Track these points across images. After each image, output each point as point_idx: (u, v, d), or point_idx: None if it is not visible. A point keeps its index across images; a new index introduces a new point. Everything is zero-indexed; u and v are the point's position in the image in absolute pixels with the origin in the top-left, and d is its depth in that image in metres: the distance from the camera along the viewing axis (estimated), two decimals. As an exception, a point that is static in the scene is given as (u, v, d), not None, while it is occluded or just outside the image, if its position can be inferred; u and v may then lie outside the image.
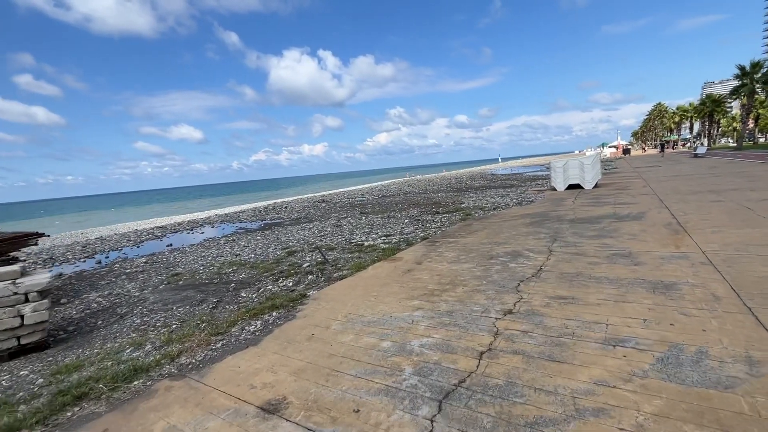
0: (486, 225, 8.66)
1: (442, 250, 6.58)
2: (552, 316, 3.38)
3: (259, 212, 20.53)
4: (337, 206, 19.26)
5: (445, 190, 23.64)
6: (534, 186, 19.32)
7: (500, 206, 11.99)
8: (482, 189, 21.60)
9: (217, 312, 4.67)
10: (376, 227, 10.76)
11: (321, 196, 29.47)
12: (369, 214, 14.49)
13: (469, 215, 10.86)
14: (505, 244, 6.44)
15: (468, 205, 13.69)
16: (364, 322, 3.69)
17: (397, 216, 12.82)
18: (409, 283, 4.84)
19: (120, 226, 23.49)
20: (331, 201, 23.28)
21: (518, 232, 7.37)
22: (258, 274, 6.61)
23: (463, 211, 12.07)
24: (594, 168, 13.88)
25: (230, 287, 6.02)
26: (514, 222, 8.63)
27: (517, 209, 10.82)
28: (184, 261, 8.83)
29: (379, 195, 24.49)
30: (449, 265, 5.51)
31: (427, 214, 12.32)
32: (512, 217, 9.34)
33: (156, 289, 6.47)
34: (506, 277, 4.62)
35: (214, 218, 20.12)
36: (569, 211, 9.31)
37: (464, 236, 7.58)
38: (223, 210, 28.30)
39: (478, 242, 6.86)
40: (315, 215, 16.09)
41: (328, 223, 12.79)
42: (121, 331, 4.37)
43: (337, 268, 6.23)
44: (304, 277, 5.93)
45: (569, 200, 11.48)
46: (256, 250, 9.17)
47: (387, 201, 19.33)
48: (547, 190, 15.59)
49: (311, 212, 17.60)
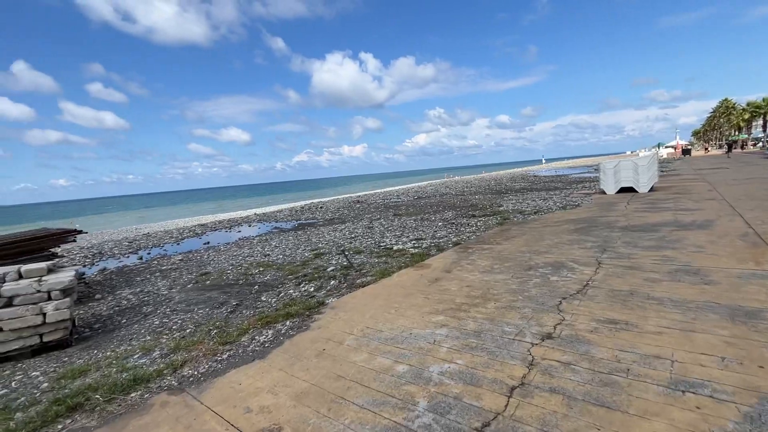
0: (525, 230, 8.00)
1: (474, 257, 6.07)
2: (601, 345, 2.84)
3: (295, 212, 20.80)
4: (371, 207, 19.07)
5: (483, 192, 22.74)
6: (580, 188, 18.02)
7: (542, 210, 11.17)
8: (523, 191, 20.51)
9: (233, 317, 4.51)
10: (408, 230, 10.37)
11: (357, 197, 29.50)
12: (402, 216, 14.13)
13: (506, 219, 10.18)
14: (546, 254, 5.82)
15: (506, 208, 12.93)
16: (380, 339, 3.33)
17: (431, 219, 12.34)
18: (435, 294, 4.42)
19: (168, 223, 24.82)
20: (366, 202, 23.16)
21: (561, 240, 6.69)
22: (282, 277, 6.46)
23: (500, 214, 11.38)
24: (650, 170, 12.60)
25: (253, 290, 5.90)
26: (556, 228, 7.91)
27: (561, 213, 9.99)
28: (216, 260, 8.93)
29: (415, 196, 24.04)
30: (481, 275, 5.02)
31: (462, 218, 11.74)
32: (555, 223, 8.59)
33: (183, 288, 6.50)
34: (546, 293, 4.07)
35: (252, 217, 20.65)
36: (621, 217, 8.40)
37: (500, 242, 7.01)
38: (263, 209, 29.10)
39: (515, 250, 6.28)
40: (348, 216, 15.97)
41: (360, 225, 12.58)
42: (139, 333, 4.33)
43: (362, 273, 5.92)
44: (327, 282, 5.68)
45: (621, 205, 10.44)
46: (286, 251, 9.10)
47: (422, 203, 18.86)
48: (596, 193, 14.41)
49: (345, 213, 17.53)
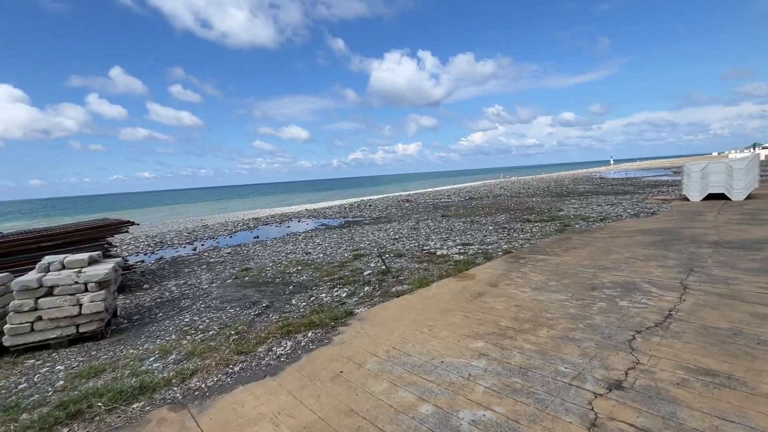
0: (589, 240, 7.04)
1: (527, 269, 5.36)
2: (693, 406, 2.14)
3: (344, 209, 20.89)
4: (420, 207, 18.53)
5: (542, 194, 21.16)
6: (657, 193, 15.99)
7: (610, 217, 9.92)
8: (587, 195, 18.72)
9: (259, 320, 4.32)
10: (455, 233, 9.74)
11: (406, 196, 29.08)
12: (451, 217, 13.45)
13: (567, 226, 9.14)
14: (615, 270, 4.96)
15: (567, 213, 11.73)
16: (406, 365, 2.88)
17: (481, 222, 11.55)
18: (477, 312, 3.86)
19: (228, 215, 26.29)
20: (415, 201, 22.64)
21: (634, 254, 5.71)
22: (318, 278, 6.23)
23: (560, 220, 10.30)
24: (749, 174, 10.69)
25: (287, 290, 5.73)
26: (628, 239, 6.85)
27: (634, 222, 8.75)
28: (260, 255, 9.01)
29: (466, 197, 23.05)
30: (533, 292, 4.35)
31: (515, 222, 10.82)
32: (626, 233, 7.48)
33: (223, 284, 6.53)
34: (614, 322, 3.34)
35: (303, 213, 21.09)
36: (710, 230, 7.09)
37: (558, 253, 6.19)
38: (314, 205, 29.78)
39: (577, 263, 5.46)
40: (395, 215, 15.60)
41: (405, 225, 12.14)
42: (167, 330, 4.28)
43: (398, 280, 5.49)
44: (361, 288, 5.32)
45: (709, 214, 8.91)
46: (327, 249, 8.94)
47: (473, 204, 17.95)
48: (676, 199, 12.60)
49: (392, 212, 17.19)
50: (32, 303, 3.85)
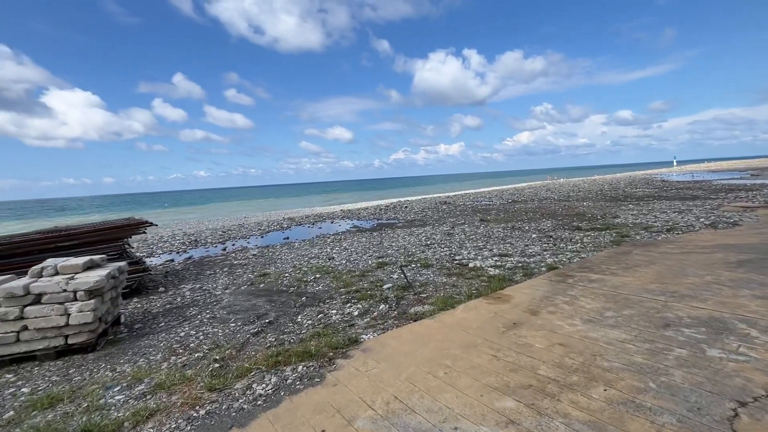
0: (655, 257, 5.89)
1: (576, 292, 4.44)
2: None
3: (380, 211, 20.36)
4: (458, 210, 17.56)
5: (594, 198, 19.32)
6: (734, 199, 13.87)
7: (678, 227, 8.50)
8: (647, 199, 16.76)
9: (255, 341, 3.81)
10: (493, 241, 8.81)
11: (445, 197, 28.03)
12: (489, 222, 12.44)
13: (625, 237, 7.91)
14: (694, 300, 3.91)
15: (625, 221, 10.33)
16: (407, 428, 2.20)
17: (523, 228, 10.48)
18: (510, 351, 3.07)
19: (272, 213, 26.76)
20: (454, 203, 21.63)
21: (718, 279, 4.58)
22: (334, 289, 5.68)
23: (616, 229, 9.01)
24: None
25: (298, 302, 5.22)
26: (706, 257, 5.63)
27: (710, 235, 7.35)
28: (283, 258, 8.66)
29: (509, 200, 21.66)
30: (584, 326, 3.47)
31: (563, 229, 9.66)
32: (702, 248, 6.21)
33: (237, 290, 6.17)
34: (703, 383, 2.44)
35: (338, 214, 20.84)
36: (819, 248, 5.67)
37: (616, 272, 5.16)
38: (350, 206, 29.57)
39: (641, 287, 4.44)
40: (430, 218, 14.80)
41: (439, 230, 11.34)
42: (157, 347, 3.90)
43: (419, 299, 4.77)
44: (376, 305, 4.67)
45: (812, 227, 7.30)
46: (352, 255, 8.39)
47: (515, 208, 16.68)
48: (762, 207, 10.71)
49: (428, 215, 16.39)
50: (18, 311, 3.61)
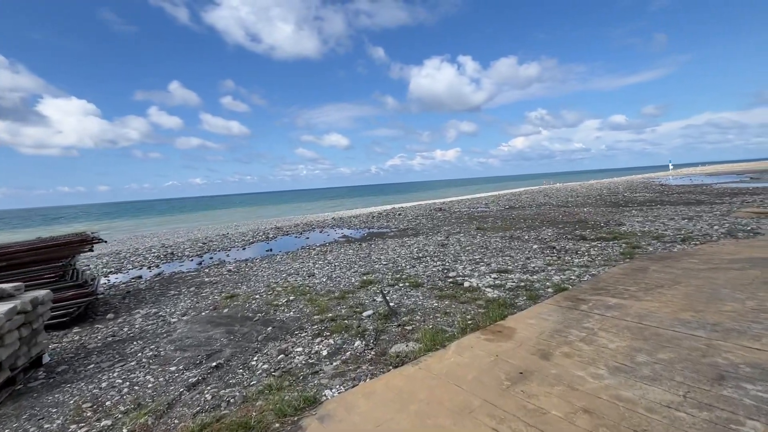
0: (677, 274, 5.11)
1: (593, 324, 3.64)
2: None
3: (372, 218, 19.54)
4: (453, 217, 16.78)
5: (594, 203, 18.63)
6: (742, 204, 13.19)
7: (694, 236, 7.75)
8: (650, 204, 16.08)
9: (188, 398, 2.97)
10: (491, 253, 8.02)
11: (440, 204, 27.26)
12: (487, 230, 11.66)
13: (637, 248, 7.14)
14: (743, 337, 3.13)
15: (631, 228, 9.58)
16: None
17: (523, 238, 9.70)
18: (517, 424, 2.26)
19: (263, 222, 25.86)
20: (449, 210, 20.86)
21: (762, 304, 3.79)
22: (307, 317, 4.84)
23: (624, 238, 8.25)
24: None
25: (262, 334, 4.39)
26: (738, 274, 4.86)
27: (733, 246, 6.60)
28: (259, 276, 7.81)
29: (506, 206, 20.93)
30: (613, 378, 2.66)
31: (566, 239, 8.89)
32: (729, 262, 5.45)
33: (197, 317, 5.33)
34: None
35: (328, 222, 19.99)
36: None
37: (636, 295, 4.37)
38: (342, 213, 28.73)
39: (671, 317, 3.65)
40: (424, 227, 14.00)
41: (433, 240, 10.54)
42: (66, 404, 3.04)
43: (403, 332, 3.95)
44: (351, 341, 3.85)
45: None
46: (336, 271, 7.56)
47: (513, 214, 15.93)
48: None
49: (422, 222, 15.59)
50: None
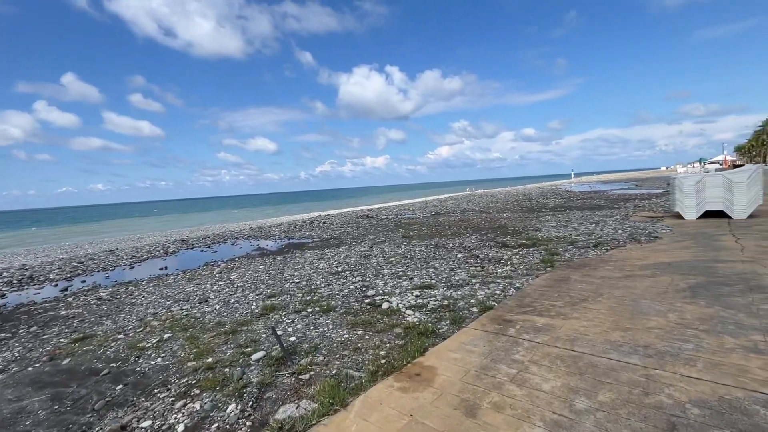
0: (597, 283, 4.94)
1: (523, 354, 3.11)
2: None
3: (295, 227, 18.19)
4: (380, 225, 16.23)
5: (512, 209, 19.51)
6: (637, 209, 14.59)
7: (603, 241, 8.01)
8: (561, 210, 17.20)
9: None
10: (414, 264, 7.46)
11: (368, 211, 26.72)
12: (413, 239, 11.22)
13: (555, 255, 7.10)
14: (678, 362, 2.79)
15: (548, 234, 9.80)
16: None
17: (448, 246, 9.38)
18: None
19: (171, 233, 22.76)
20: (376, 217, 20.34)
21: (682, 316, 3.61)
22: (177, 366, 3.68)
23: (543, 244, 8.29)
24: (752, 188, 9.23)
25: (105, 398, 3.15)
26: (651, 281, 4.81)
27: (640, 251, 6.82)
28: (134, 306, 6.28)
29: (432, 212, 21.05)
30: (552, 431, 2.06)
31: (489, 246, 8.72)
32: (641, 269, 5.47)
33: (20, 373, 3.83)
34: None
35: (245, 232, 18.15)
36: (753, 265, 5.21)
37: (563, 311, 4.00)
38: (264, 221, 26.73)
39: (603, 338, 3.27)
40: (348, 236, 13.18)
41: (355, 251, 9.75)
42: None
43: (297, 385, 3.04)
44: (224, 405, 2.84)
45: (726, 239, 7.18)
46: (236, 294, 6.35)
47: (439, 221, 15.88)
48: (667, 216, 11.06)
49: (347, 231, 14.76)
50: None
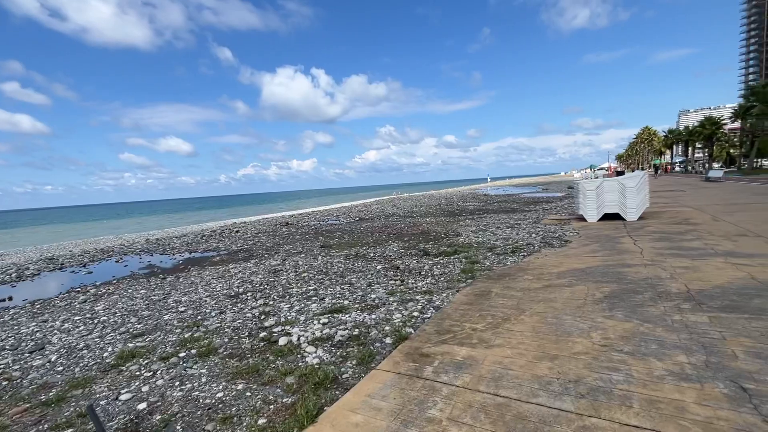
0: (519, 299, 4.61)
1: (439, 409, 2.47)
2: None
3: (202, 238, 16.10)
4: (299, 233, 15.06)
5: (435, 213, 19.71)
6: (546, 212, 15.53)
7: (520, 247, 8.01)
8: (480, 213, 17.75)
9: None
10: (329, 280, 6.64)
11: (289, 217, 25.16)
12: (332, 248, 10.37)
13: (475, 263, 6.83)
14: (612, 402, 2.37)
15: (468, 239, 9.69)
16: None
17: (368, 256, 8.72)
18: None
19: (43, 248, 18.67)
20: (298, 224, 19.04)
21: (606, 336, 3.32)
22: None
23: (463, 251, 8.06)
24: (640, 192, 10.13)
25: None
26: (569, 293, 4.61)
27: (552, 257, 6.83)
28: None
29: (356, 218, 20.39)
30: None
31: (410, 255, 8.25)
32: (558, 277, 5.32)
33: None
34: None
35: (138, 246, 15.55)
36: (654, 269, 5.36)
37: (485, 337, 3.50)
38: (171, 230, 23.66)
39: (530, 373, 2.79)
40: (261, 247, 11.84)
41: (265, 266, 8.60)
42: None
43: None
44: None
45: (626, 241, 7.58)
46: (88, 337, 4.87)
47: (362, 227, 15.24)
48: (572, 218, 11.76)
49: (260, 241, 13.35)
50: None
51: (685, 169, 62.55)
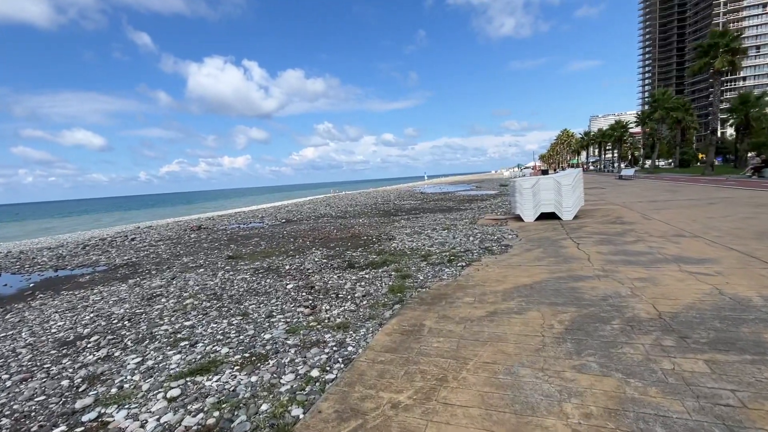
0: (458, 334, 3.43)
1: None
2: None
3: (83, 248, 13.11)
4: (210, 239, 12.86)
5: (370, 213, 18.51)
6: (482, 211, 15.06)
7: (458, 254, 7.00)
8: (415, 212, 16.90)
9: None
10: (216, 312, 4.98)
11: (204, 220, 22.30)
12: (242, 259, 8.59)
13: (407, 279, 5.62)
14: None
15: (401, 245, 8.52)
16: None
17: (283, 269, 7.14)
18: None
19: None
20: (212, 228, 16.61)
21: (582, 407, 2.23)
22: None
23: (394, 261, 6.86)
24: (575, 191, 9.78)
25: None
26: (521, 321, 3.55)
27: (494, 267, 5.86)
28: None
29: (283, 219, 18.46)
30: None
31: (333, 269, 6.84)
32: (504, 300, 4.28)
33: None
34: None
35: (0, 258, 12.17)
36: (611, 284, 4.56)
37: (410, 423, 2.24)
38: (43, 240, 19.59)
39: None
40: (152, 261, 9.62)
41: (142, 289, 6.63)
42: None
43: None
44: None
45: (567, 244, 6.93)
46: None
47: (286, 231, 13.47)
48: (509, 218, 11.21)
49: (157, 251, 11.01)
50: None
51: (599, 168, 69.07)
